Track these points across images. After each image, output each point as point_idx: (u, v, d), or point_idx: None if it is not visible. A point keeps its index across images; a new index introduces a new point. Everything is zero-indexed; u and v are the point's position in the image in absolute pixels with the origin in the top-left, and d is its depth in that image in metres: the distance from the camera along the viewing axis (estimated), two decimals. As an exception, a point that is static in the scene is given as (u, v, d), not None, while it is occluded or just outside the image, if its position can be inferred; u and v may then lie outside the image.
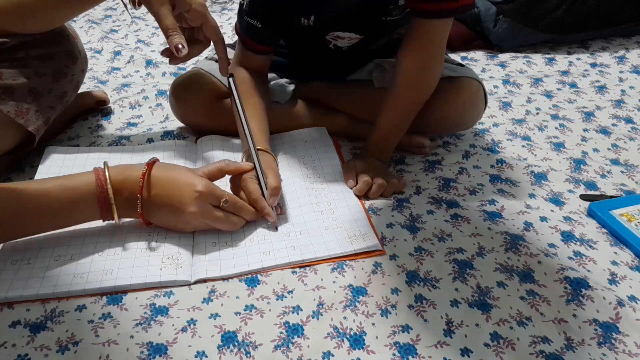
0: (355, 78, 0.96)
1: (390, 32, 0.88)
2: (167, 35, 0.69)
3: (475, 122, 0.92)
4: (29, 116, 0.75)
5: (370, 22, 0.82)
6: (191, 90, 0.89)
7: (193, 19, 0.73)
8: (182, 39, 0.69)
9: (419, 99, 0.81)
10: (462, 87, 0.86)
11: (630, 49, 1.35)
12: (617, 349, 0.56)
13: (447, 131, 0.95)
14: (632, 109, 1.07)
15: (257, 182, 0.71)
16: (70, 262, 0.64)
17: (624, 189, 0.82)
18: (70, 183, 0.62)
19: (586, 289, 0.62)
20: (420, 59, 0.77)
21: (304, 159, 0.85)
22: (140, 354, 0.54)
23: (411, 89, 0.80)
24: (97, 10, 1.61)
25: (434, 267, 0.66)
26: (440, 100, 0.84)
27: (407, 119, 0.83)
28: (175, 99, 0.90)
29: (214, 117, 0.89)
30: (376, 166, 0.81)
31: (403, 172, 0.86)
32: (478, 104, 0.88)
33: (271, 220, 0.71)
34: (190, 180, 0.65)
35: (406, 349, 0.56)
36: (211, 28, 0.74)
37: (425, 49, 0.77)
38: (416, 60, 0.77)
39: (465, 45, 1.38)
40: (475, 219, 0.73)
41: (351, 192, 0.78)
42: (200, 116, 0.90)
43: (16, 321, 0.57)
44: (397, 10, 0.81)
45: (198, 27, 0.75)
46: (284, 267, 0.65)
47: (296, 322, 0.58)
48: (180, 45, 0.69)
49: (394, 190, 0.79)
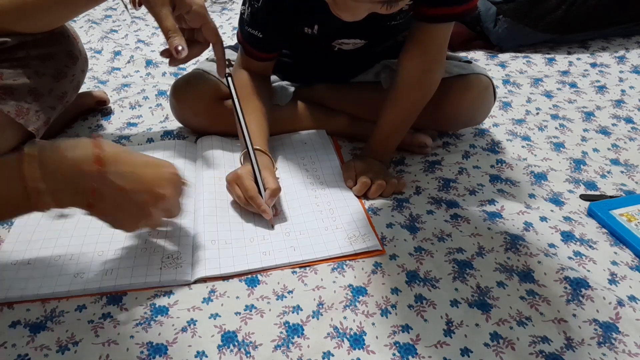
0: (361, 80, 0.96)
1: (395, 35, 0.89)
2: (167, 36, 0.69)
3: (486, 116, 0.94)
4: (29, 116, 0.75)
5: (375, 27, 0.82)
6: (192, 91, 0.89)
7: (193, 20, 0.73)
8: (182, 40, 0.69)
9: (420, 101, 0.81)
10: (473, 84, 0.87)
11: (630, 49, 1.35)
12: (617, 349, 0.56)
13: (458, 127, 0.96)
14: (632, 109, 1.07)
15: (253, 180, 0.72)
16: (70, 262, 0.64)
17: (624, 189, 0.82)
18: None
19: (586, 289, 0.62)
20: (423, 62, 0.78)
21: (304, 161, 0.86)
22: (140, 354, 0.54)
23: (413, 91, 0.80)
24: (97, 10, 1.61)
25: (434, 267, 0.66)
26: (452, 97, 0.86)
27: (408, 120, 0.83)
28: (175, 100, 0.90)
29: (214, 118, 0.89)
30: (376, 167, 0.81)
31: (403, 172, 0.86)
32: (488, 99, 0.90)
33: (267, 218, 0.71)
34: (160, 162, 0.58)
35: (406, 348, 0.56)
36: (210, 30, 0.75)
37: (427, 52, 0.77)
38: (419, 63, 0.78)
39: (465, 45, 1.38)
40: (475, 219, 0.73)
41: (351, 193, 0.78)
42: (201, 117, 0.90)
43: (16, 321, 0.57)
44: (401, 15, 0.81)
45: (197, 28, 0.75)
46: (284, 267, 0.65)
47: (296, 322, 0.58)
48: (180, 47, 0.69)
49: (393, 191, 0.79)
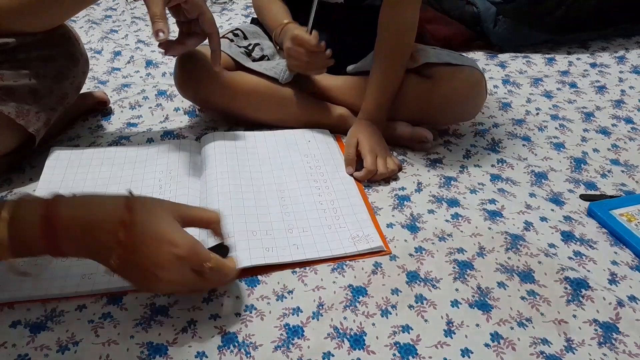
0: (360, 69, 0.95)
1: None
2: (152, 21, 0.70)
3: (477, 112, 0.93)
4: (29, 117, 0.75)
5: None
6: (199, 62, 0.89)
7: (190, 10, 0.74)
8: (165, 26, 0.69)
9: (399, 41, 0.85)
10: (463, 75, 0.87)
11: (630, 49, 1.35)
12: (617, 349, 0.56)
13: (449, 121, 0.96)
14: (632, 109, 1.07)
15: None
16: (77, 263, 0.64)
17: (624, 189, 0.82)
18: None
19: (586, 289, 0.62)
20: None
21: (307, 158, 0.86)
22: (140, 354, 0.54)
23: (389, 31, 0.84)
24: (97, 10, 1.61)
25: (434, 267, 0.66)
26: (441, 87, 0.86)
27: (395, 67, 0.86)
28: (181, 70, 0.90)
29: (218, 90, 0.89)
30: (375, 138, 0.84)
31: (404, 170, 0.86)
32: (479, 94, 0.89)
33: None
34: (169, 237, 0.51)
35: (406, 349, 0.56)
36: (207, 20, 0.76)
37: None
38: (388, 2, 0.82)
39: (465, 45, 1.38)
40: (476, 219, 0.73)
41: (355, 191, 0.78)
42: (205, 89, 0.90)
43: (16, 321, 0.57)
44: None
45: (195, 20, 0.76)
46: (284, 267, 0.65)
47: (296, 323, 0.58)
48: (161, 33, 0.69)
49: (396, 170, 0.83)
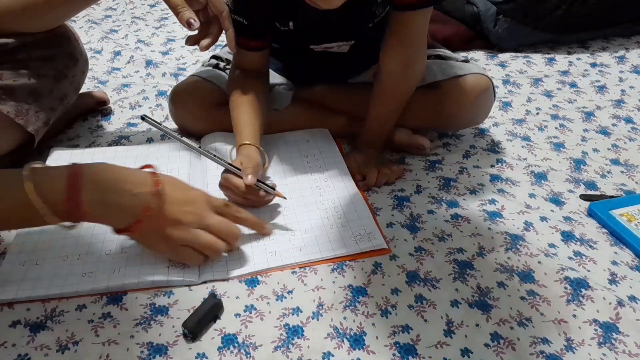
0: (359, 80, 0.95)
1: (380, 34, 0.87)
2: (176, 12, 0.68)
3: (486, 116, 0.93)
4: (29, 117, 0.75)
5: (356, 29, 0.82)
6: (190, 98, 0.89)
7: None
8: (192, 13, 0.68)
9: (407, 92, 0.82)
10: (472, 85, 0.86)
11: (630, 49, 1.35)
12: (617, 349, 0.56)
13: (459, 128, 0.96)
14: (632, 109, 1.07)
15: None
16: (78, 262, 0.64)
17: (624, 189, 0.82)
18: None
19: (586, 289, 0.62)
20: (403, 53, 0.76)
21: (308, 158, 0.86)
22: (140, 353, 0.54)
23: (397, 85, 0.80)
24: (97, 10, 1.61)
25: (434, 267, 0.66)
26: (451, 100, 0.86)
27: (398, 109, 0.84)
28: (174, 106, 0.91)
29: (213, 124, 0.89)
30: (374, 156, 0.84)
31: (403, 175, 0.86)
32: (488, 100, 0.89)
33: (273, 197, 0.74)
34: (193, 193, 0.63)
35: (406, 349, 0.56)
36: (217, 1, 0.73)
37: (407, 43, 0.76)
38: (399, 55, 0.76)
39: (465, 45, 1.38)
40: (476, 219, 0.73)
41: (355, 190, 0.78)
42: (200, 122, 0.90)
43: (16, 321, 0.57)
44: (379, 9, 0.80)
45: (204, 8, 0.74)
46: (285, 267, 0.65)
47: (296, 323, 0.58)
48: (192, 20, 0.68)
49: (396, 177, 0.83)
